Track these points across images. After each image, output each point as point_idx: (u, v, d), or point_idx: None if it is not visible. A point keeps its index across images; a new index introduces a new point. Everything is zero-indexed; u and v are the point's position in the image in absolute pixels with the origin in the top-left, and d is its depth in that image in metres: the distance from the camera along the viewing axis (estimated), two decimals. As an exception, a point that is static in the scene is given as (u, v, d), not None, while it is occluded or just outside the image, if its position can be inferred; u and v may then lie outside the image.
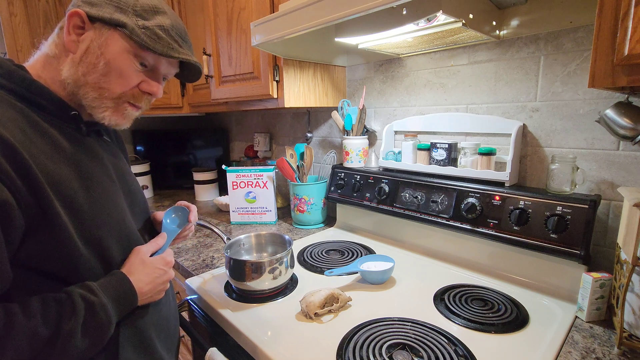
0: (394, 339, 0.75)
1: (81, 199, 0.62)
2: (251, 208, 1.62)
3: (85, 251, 0.61)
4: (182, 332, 0.95)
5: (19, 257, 0.55)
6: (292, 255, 1.01)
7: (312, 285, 1.02)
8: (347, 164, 1.45)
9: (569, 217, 0.88)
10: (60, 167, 0.60)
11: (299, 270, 1.12)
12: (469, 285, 0.99)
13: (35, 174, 0.55)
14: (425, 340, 0.74)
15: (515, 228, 0.96)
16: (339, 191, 1.45)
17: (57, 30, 0.65)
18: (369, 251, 1.25)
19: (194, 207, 0.92)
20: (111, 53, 0.63)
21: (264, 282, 0.94)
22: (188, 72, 0.77)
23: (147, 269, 0.69)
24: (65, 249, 0.58)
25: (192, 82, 0.80)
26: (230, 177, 1.60)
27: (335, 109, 1.50)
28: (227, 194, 1.65)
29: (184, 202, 0.92)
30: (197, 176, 2.10)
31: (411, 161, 1.25)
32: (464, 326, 0.81)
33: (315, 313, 0.84)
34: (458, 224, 1.08)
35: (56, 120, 0.64)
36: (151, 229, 0.85)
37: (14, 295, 0.56)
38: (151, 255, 0.73)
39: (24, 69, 0.63)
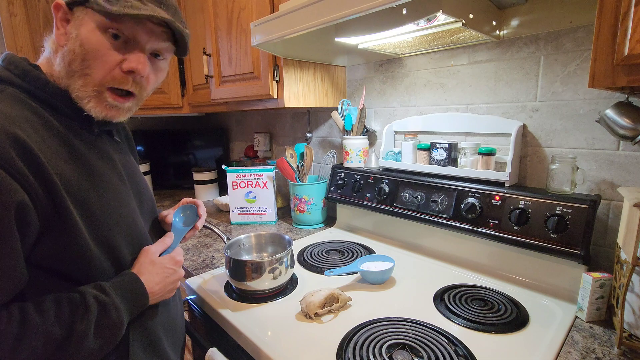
0: (394, 339, 0.75)
1: (93, 200, 0.62)
2: (251, 208, 1.62)
3: (97, 252, 0.61)
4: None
5: (32, 257, 0.56)
6: (292, 255, 1.01)
7: (312, 285, 1.02)
8: (347, 164, 1.45)
9: (569, 217, 0.88)
10: (73, 168, 0.60)
11: (299, 270, 1.12)
12: (469, 285, 0.99)
13: (50, 175, 0.55)
14: (425, 340, 0.74)
15: (515, 228, 0.96)
16: (339, 191, 1.45)
17: (54, 28, 0.65)
18: (369, 251, 1.25)
19: (200, 202, 0.92)
20: (83, 33, 0.60)
21: (264, 282, 0.93)
22: (180, 40, 0.69)
23: (157, 268, 0.70)
24: (77, 249, 0.58)
25: (184, 52, 0.72)
26: (230, 177, 1.60)
27: (335, 109, 1.50)
28: (227, 194, 1.65)
29: (189, 199, 0.92)
30: (197, 176, 2.10)
31: (411, 161, 1.25)
32: (464, 326, 0.81)
33: (315, 313, 0.84)
34: (458, 224, 1.08)
35: (69, 120, 0.64)
36: (159, 229, 0.86)
37: (29, 295, 0.56)
38: (160, 255, 0.74)
39: (39, 69, 0.63)
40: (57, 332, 0.54)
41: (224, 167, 1.64)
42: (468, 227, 1.05)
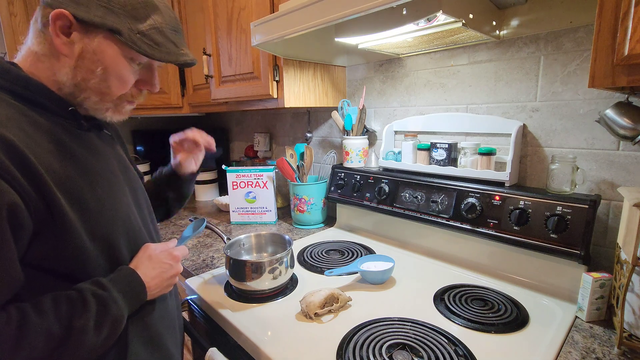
0: (394, 339, 0.75)
1: (87, 197, 0.62)
2: (251, 208, 1.62)
3: (93, 249, 0.61)
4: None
5: (28, 257, 0.55)
6: (292, 255, 1.01)
7: (312, 285, 1.02)
8: (347, 164, 1.45)
9: (569, 217, 0.88)
10: (65, 165, 0.60)
11: (299, 270, 1.12)
12: (469, 285, 0.99)
13: (41, 174, 0.55)
14: (425, 340, 0.75)
15: (515, 228, 0.96)
16: (339, 191, 1.45)
17: (40, 26, 0.61)
18: (369, 251, 1.25)
19: (202, 133, 0.97)
20: (108, 59, 0.62)
21: (264, 282, 0.93)
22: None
23: (153, 263, 0.70)
24: (73, 247, 0.58)
25: (187, 67, 0.77)
26: (230, 177, 1.60)
27: (335, 109, 1.50)
28: (227, 194, 1.65)
29: (191, 134, 0.95)
30: (197, 176, 2.10)
31: (411, 161, 1.25)
32: (464, 326, 0.81)
33: (315, 313, 0.84)
34: (458, 224, 1.08)
35: (55, 117, 0.63)
36: (154, 222, 0.85)
37: (25, 295, 0.56)
38: None
39: (18, 67, 0.62)
40: (56, 330, 0.54)
41: (224, 167, 1.64)
42: (468, 227, 1.05)
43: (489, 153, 1.04)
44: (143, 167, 2.23)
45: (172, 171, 1.00)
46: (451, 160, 1.13)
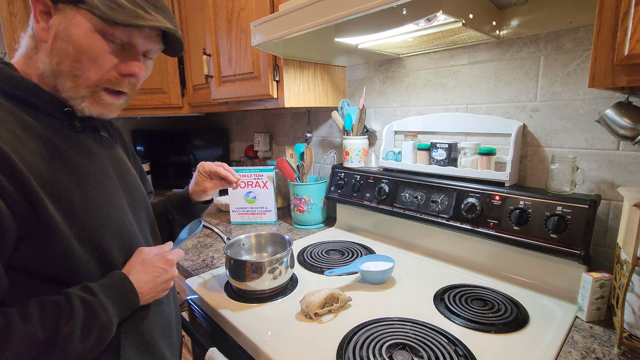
0: (394, 339, 0.75)
1: (76, 199, 0.60)
2: (251, 208, 1.62)
3: (82, 253, 0.60)
4: (182, 332, 0.95)
5: (15, 261, 0.54)
6: (292, 255, 1.01)
7: (312, 285, 1.02)
8: (347, 164, 1.45)
9: (569, 217, 0.88)
10: (53, 168, 0.59)
11: (299, 270, 1.12)
12: (469, 285, 0.99)
13: (27, 177, 0.54)
14: (425, 340, 0.74)
15: (515, 228, 0.96)
16: (339, 191, 1.45)
17: (30, 22, 0.61)
18: (369, 251, 1.25)
19: (224, 165, 0.94)
20: (77, 35, 0.58)
21: (264, 282, 0.93)
22: (174, 43, 0.69)
23: (147, 268, 0.68)
24: (60, 251, 0.57)
25: (177, 54, 0.72)
26: (230, 177, 1.60)
27: (335, 109, 1.50)
28: (227, 194, 1.65)
29: (224, 172, 0.93)
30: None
31: (411, 161, 1.25)
32: (464, 326, 0.81)
33: (315, 313, 0.84)
34: (458, 224, 1.08)
35: (48, 118, 0.62)
36: (153, 228, 0.84)
37: (14, 299, 0.55)
38: None
39: (11, 66, 0.61)
40: (41, 336, 0.52)
41: (224, 167, 1.63)
42: (468, 227, 1.05)
43: (489, 153, 1.04)
44: (143, 167, 2.22)
45: (188, 196, 0.94)
46: (451, 160, 1.13)
